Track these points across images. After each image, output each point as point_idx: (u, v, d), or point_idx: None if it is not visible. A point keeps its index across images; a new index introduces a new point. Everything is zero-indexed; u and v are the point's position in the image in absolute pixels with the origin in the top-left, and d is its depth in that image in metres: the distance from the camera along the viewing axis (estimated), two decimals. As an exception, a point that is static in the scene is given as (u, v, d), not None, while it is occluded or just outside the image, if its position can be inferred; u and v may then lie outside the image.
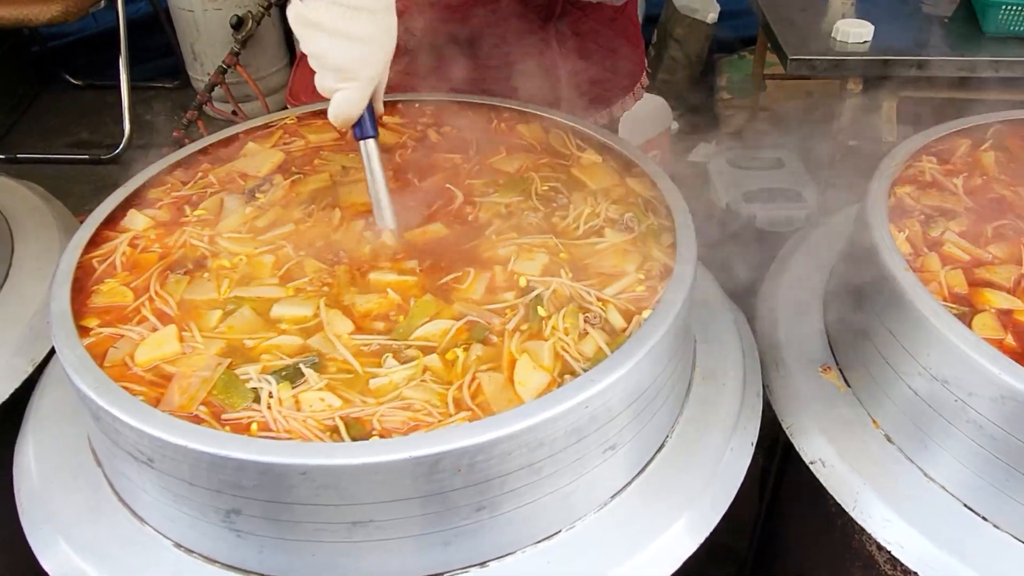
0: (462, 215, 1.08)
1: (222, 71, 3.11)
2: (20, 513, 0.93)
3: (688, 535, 0.90)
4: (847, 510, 0.94)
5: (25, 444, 0.99)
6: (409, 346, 0.87)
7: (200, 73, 3.64)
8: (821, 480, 0.98)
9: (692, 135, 3.39)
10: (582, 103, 1.48)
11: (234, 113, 3.22)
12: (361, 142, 1.01)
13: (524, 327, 0.90)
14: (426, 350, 0.87)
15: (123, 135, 3.47)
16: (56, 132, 3.69)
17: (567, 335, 0.89)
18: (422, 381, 0.83)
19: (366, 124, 0.99)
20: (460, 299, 0.94)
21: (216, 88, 3.12)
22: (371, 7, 0.90)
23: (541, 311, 0.91)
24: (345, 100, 0.94)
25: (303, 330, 0.90)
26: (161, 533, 0.86)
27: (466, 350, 0.87)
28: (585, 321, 0.91)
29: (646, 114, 2.92)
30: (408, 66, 1.41)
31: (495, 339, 0.89)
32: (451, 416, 0.80)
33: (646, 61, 1.64)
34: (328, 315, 0.91)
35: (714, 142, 3.37)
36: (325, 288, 0.95)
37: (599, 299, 0.94)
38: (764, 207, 2.47)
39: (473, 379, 0.84)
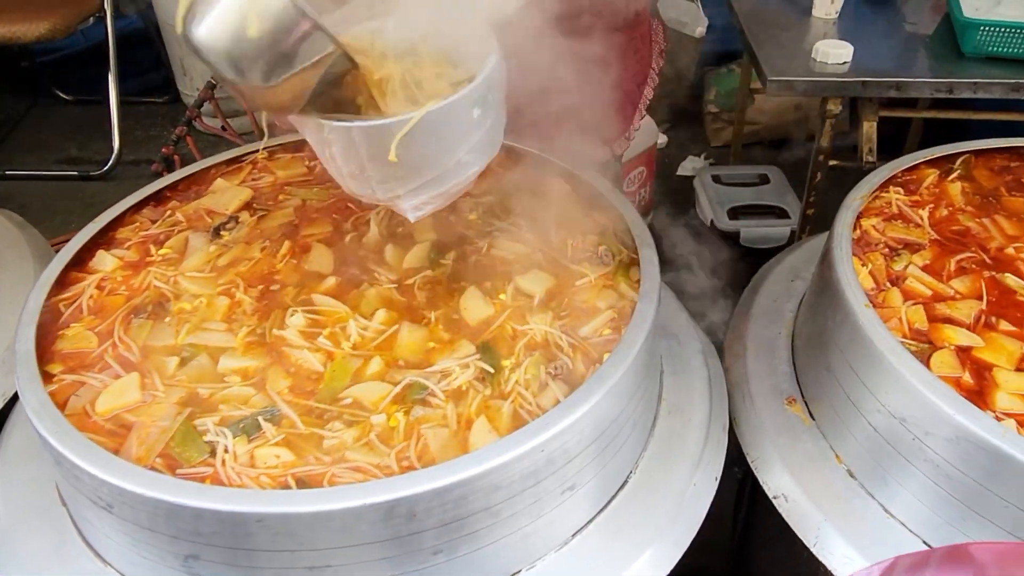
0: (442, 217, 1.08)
1: (211, 86, 3.09)
2: (-15, 554, 0.93)
3: (651, 572, 0.90)
4: (808, 546, 0.95)
5: (-7, 482, 0.99)
6: (341, 412, 0.85)
7: (190, 88, 3.64)
8: (783, 515, 0.98)
9: (680, 148, 3.40)
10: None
11: (223, 128, 3.21)
12: None
13: (479, 384, 0.89)
14: (356, 417, 0.85)
15: (112, 151, 3.47)
16: (45, 148, 3.68)
17: (527, 388, 0.88)
18: (367, 442, 0.82)
19: None
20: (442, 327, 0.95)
21: (205, 104, 3.11)
22: None
23: (505, 362, 0.90)
24: None
25: (253, 383, 0.89)
26: None
27: (406, 413, 0.85)
28: (548, 373, 0.90)
29: (632, 130, 2.92)
30: None
31: (437, 400, 0.87)
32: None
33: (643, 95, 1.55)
34: (270, 371, 0.90)
35: (702, 155, 3.38)
36: (259, 331, 0.94)
37: (571, 345, 0.93)
38: (748, 224, 2.48)
39: (419, 438, 0.83)
